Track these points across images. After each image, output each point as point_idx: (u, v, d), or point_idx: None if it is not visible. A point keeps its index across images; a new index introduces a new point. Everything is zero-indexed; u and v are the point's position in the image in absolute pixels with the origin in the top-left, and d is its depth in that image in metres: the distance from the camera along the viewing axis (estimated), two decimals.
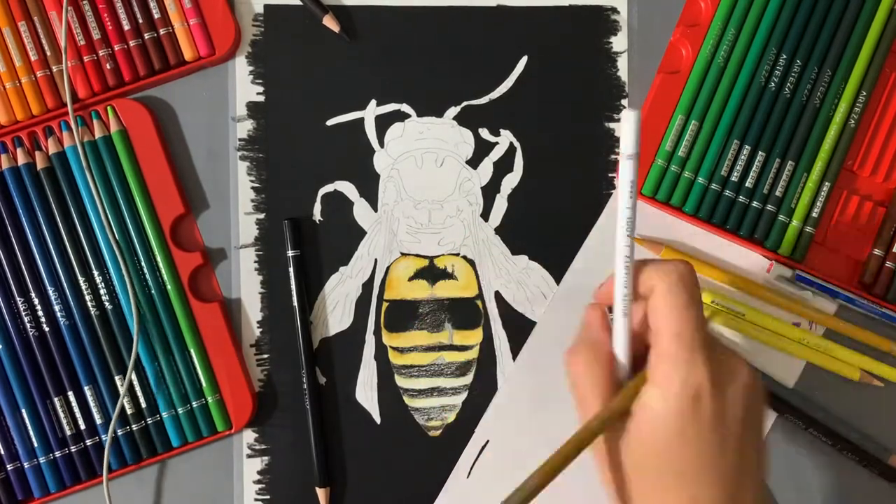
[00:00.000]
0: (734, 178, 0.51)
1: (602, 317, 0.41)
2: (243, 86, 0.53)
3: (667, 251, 0.52)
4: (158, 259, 0.51)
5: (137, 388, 0.51)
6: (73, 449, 0.50)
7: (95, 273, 0.51)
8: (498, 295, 0.53)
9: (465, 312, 0.53)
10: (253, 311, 0.52)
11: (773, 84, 0.51)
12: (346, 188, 0.53)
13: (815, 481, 0.53)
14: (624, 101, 0.53)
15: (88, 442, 0.50)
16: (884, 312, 0.51)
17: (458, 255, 0.53)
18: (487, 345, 0.53)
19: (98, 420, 0.50)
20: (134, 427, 0.50)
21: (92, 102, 0.51)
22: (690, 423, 0.36)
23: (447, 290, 0.53)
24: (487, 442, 0.52)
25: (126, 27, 0.51)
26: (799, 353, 0.52)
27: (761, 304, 0.52)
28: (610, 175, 0.53)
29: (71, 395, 0.50)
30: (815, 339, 0.52)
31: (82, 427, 0.50)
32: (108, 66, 0.51)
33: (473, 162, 0.53)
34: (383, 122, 0.53)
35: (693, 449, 0.36)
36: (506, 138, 0.53)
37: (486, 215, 0.53)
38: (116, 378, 0.51)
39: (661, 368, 0.37)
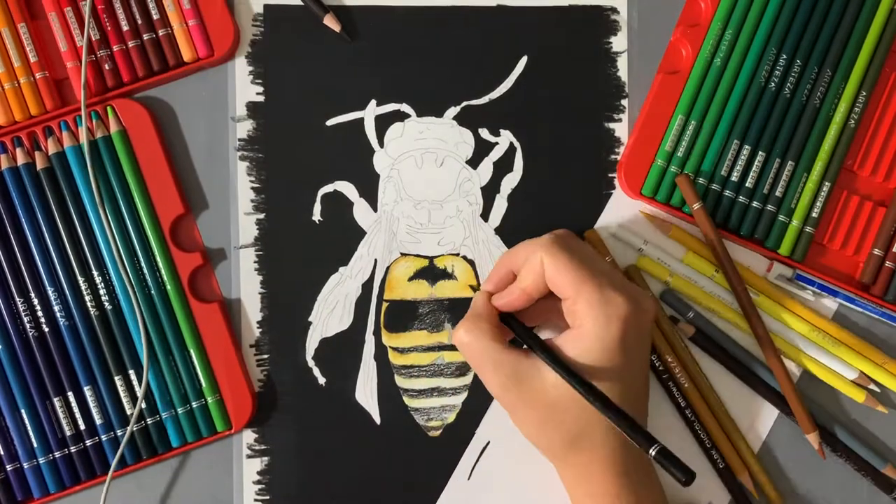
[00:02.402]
0: (734, 178, 0.51)
1: (484, 294, 0.48)
2: (243, 86, 0.53)
3: (675, 230, 0.52)
4: (158, 259, 0.51)
5: (137, 388, 0.51)
6: (72, 449, 0.50)
7: (95, 273, 0.51)
8: None
9: (466, 312, 0.52)
10: (253, 311, 0.52)
11: (773, 84, 0.51)
12: (346, 188, 0.53)
13: (815, 484, 0.53)
14: (624, 101, 0.53)
15: (88, 442, 0.50)
16: (883, 312, 0.51)
17: (457, 255, 0.53)
18: None
19: (98, 420, 0.50)
20: (134, 427, 0.50)
21: (92, 103, 0.51)
22: (614, 342, 0.44)
23: (447, 290, 0.53)
24: (488, 443, 0.52)
25: (125, 28, 0.51)
26: (799, 359, 0.52)
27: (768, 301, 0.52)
28: (610, 175, 0.53)
29: (70, 395, 0.50)
30: (820, 336, 0.52)
31: (82, 427, 0.50)
32: (107, 67, 0.51)
33: (473, 162, 0.53)
34: (383, 122, 0.53)
35: (615, 363, 0.44)
36: (506, 138, 0.53)
37: (486, 215, 0.53)
38: (116, 378, 0.50)
39: (579, 308, 0.44)
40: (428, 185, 0.53)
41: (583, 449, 0.45)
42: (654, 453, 0.41)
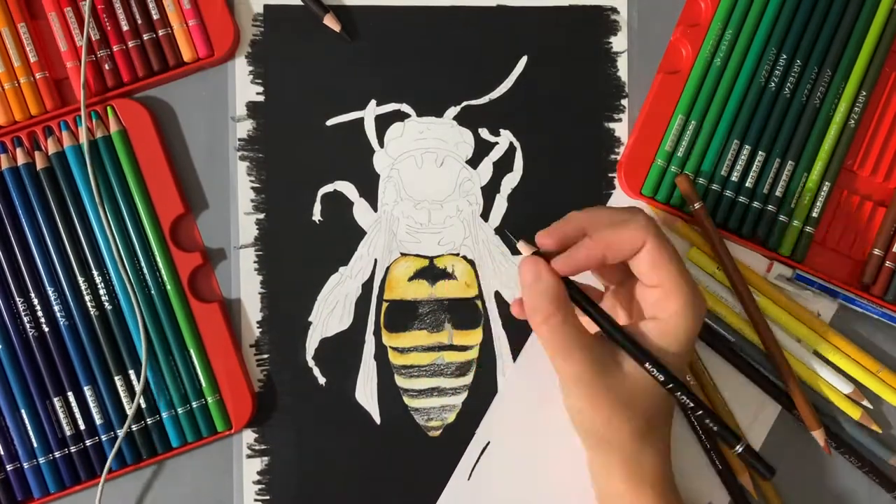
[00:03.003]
0: (734, 178, 0.51)
1: (543, 265, 0.44)
2: (243, 86, 0.53)
3: (681, 225, 0.52)
4: (158, 259, 0.51)
5: (137, 388, 0.51)
6: (72, 449, 0.50)
7: (95, 273, 0.51)
8: (498, 295, 0.53)
9: (465, 312, 0.53)
10: (253, 311, 0.52)
11: (773, 84, 0.51)
12: (346, 188, 0.53)
13: (815, 483, 0.53)
14: (624, 101, 0.53)
15: (88, 442, 0.50)
16: (883, 312, 0.51)
17: (458, 255, 0.53)
18: (487, 345, 0.53)
19: (98, 420, 0.50)
20: (134, 427, 0.50)
21: (92, 103, 0.51)
22: (693, 340, 0.45)
23: (447, 290, 0.53)
24: (488, 443, 0.52)
25: (125, 28, 0.51)
26: (799, 367, 0.52)
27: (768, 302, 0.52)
28: (610, 175, 0.53)
29: (70, 395, 0.50)
30: (817, 340, 0.52)
31: (82, 427, 0.50)
32: (107, 67, 0.51)
33: (473, 162, 0.53)
34: (383, 122, 0.53)
35: (683, 361, 0.45)
36: (506, 138, 0.53)
37: (486, 215, 0.53)
38: (116, 378, 0.50)
39: (676, 302, 0.43)
40: (428, 185, 0.53)
41: (647, 445, 0.45)
42: (740, 450, 0.45)
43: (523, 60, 0.53)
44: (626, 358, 0.44)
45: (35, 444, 0.50)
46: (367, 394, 0.52)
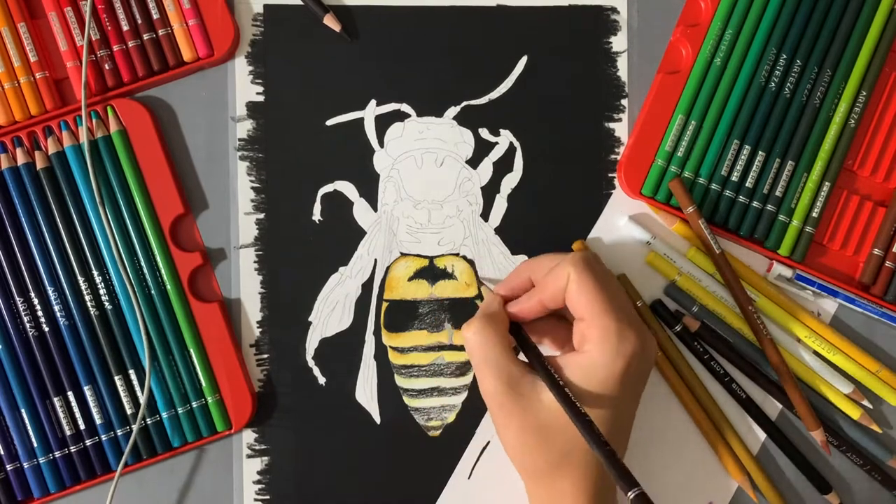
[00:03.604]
0: (734, 178, 0.51)
1: (499, 299, 0.48)
2: (243, 86, 0.53)
3: (679, 225, 0.52)
4: (158, 259, 0.51)
5: (137, 388, 0.51)
6: (72, 449, 0.50)
7: (95, 273, 0.51)
8: None
9: (465, 312, 0.53)
10: (253, 311, 0.52)
11: (773, 84, 0.51)
12: (346, 188, 0.53)
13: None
14: (624, 101, 0.53)
15: (88, 442, 0.50)
16: (883, 312, 0.51)
17: (458, 255, 0.53)
18: None
19: (98, 420, 0.50)
20: (138, 425, 0.50)
21: (92, 103, 0.51)
22: (616, 376, 0.44)
23: (447, 290, 0.53)
24: (488, 443, 0.52)
25: (125, 28, 0.51)
26: (795, 369, 0.52)
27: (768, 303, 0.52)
28: (610, 175, 0.53)
29: (70, 395, 0.50)
30: (817, 341, 0.52)
31: (82, 427, 0.50)
32: (107, 67, 0.51)
33: (473, 162, 0.53)
34: (383, 122, 0.53)
35: (611, 396, 0.44)
36: (506, 138, 0.53)
37: (486, 215, 0.53)
38: (116, 378, 0.50)
39: (593, 333, 0.44)
40: (428, 185, 0.53)
41: (563, 475, 0.45)
42: (632, 496, 0.40)
43: (523, 60, 0.53)
44: (545, 388, 0.44)
45: (35, 444, 0.50)
46: (367, 394, 0.52)
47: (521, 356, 0.47)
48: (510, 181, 0.53)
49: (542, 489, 0.46)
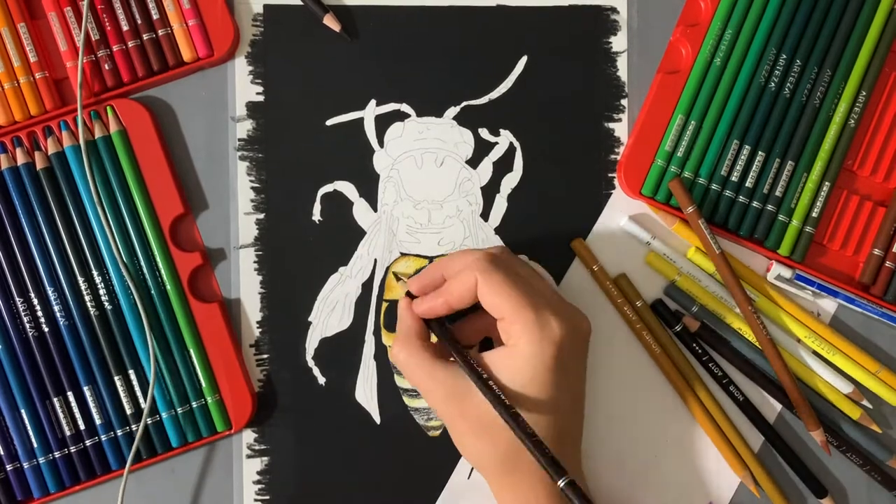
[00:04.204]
0: (734, 178, 0.51)
1: (408, 305, 0.48)
2: (243, 86, 0.53)
3: (679, 225, 0.52)
4: (158, 259, 0.51)
5: (137, 388, 0.51)
6: (72, 449, 0.50)
7: (95, 273, 0.51)
8: None
9: (465, 312, 0.52)
10: (253, 311, 0.52)
11: (772, 84, 0.51)
12: (346, 188, 0.53)
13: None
14: (624, 101, 0.53)
15: (88, 442, 0.50)
16: (883, 312, 0.51)
17: None
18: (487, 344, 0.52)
19: (98, 420, 0.50)
20: (133, 427, 0.50)
21: (91, 103, 0.51)
22: (547, 365, 0.44)
23: None
24: None
25: (125, 28, 0.51)
26: (795, 370, 0.52)
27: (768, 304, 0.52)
28: (610, 175, 0.53)
29: (70, 395, 0.50)
30: (816, 341, 0.52)
31: (82, 427, 0.50)
32: (106, 67, 0.51)
33: (473, 162, 0.53)
34: (383, 122, 0.53)
35: (547, 384, 0.44)
36: (505, 138, 0.53)
37: (486, 215, 0.53)
38: (116, 378, 0.50)
39: (514, 329, 0.44)
40: (428, 185, 0.53)
41: (515, 469, 0.44)
42: (562, 485, 0.40)
43: (523, 60, 0.53)
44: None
45: (35, 444, 0.50)
46: (367, 394, 0.52)
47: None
48: (510, 181, 0.53)
49: (500, 488, 0.46)
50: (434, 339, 0.48)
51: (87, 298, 0.50)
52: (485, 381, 0.43)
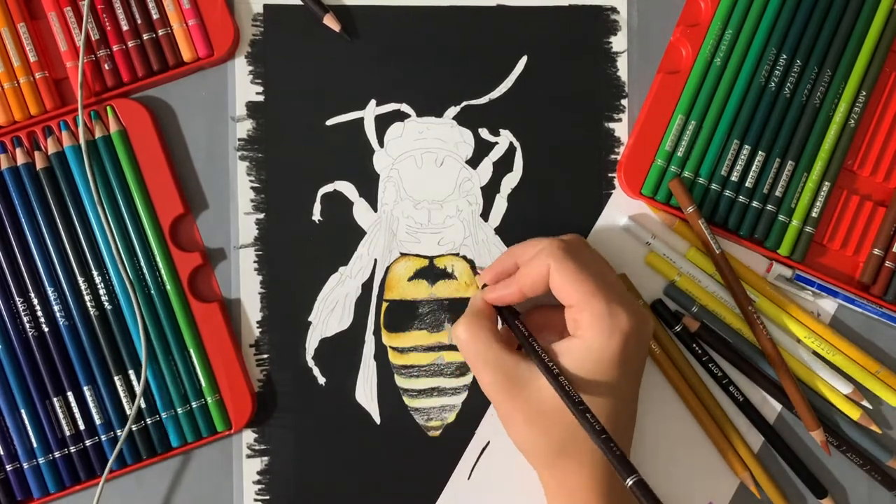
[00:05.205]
0: (734, 177, 0.51)
1: (480, 293, 0.48)
2: (243, 86, 0.53)
3: (679, 225, 0.52)
4: (158, 259, 0.51)
5: (137, 388, 0.51)
6: (72, 449, 0.50)
7: (95, 273, 0.51)
8: None
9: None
10: (252, 311, 0.52)
11: (773, 84, 0.51)
12: (346, 188, 0.53)
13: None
14: (624, 101, 0.53)
15: (88, 442, 0.50)
16: (883, 312, 0.51)
17: (457, 255, 0.53)
18: None
19: (97, 420, 0.50)
20: (133, 427, 0.50)
21: (91, 103, 0.51)
22: (612, 357, 0.44)
23: (447, 291, 0.53)
24: (488, 443, 0.52)
25: (125, 28, 0.51)
26: (795, 370, 0.52)
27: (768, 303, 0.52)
28: (610, 175, 0.53)
29: (70, 395, 0.50)
30: (816, 341, 0.52)
31: (82, 427, 0.50)
32: (106, 67, 0.51)
33: (473, 162, 0.53)
34: (383, 122, 0.53)
35: (610, 376, 0.44)
36: (505, 138, 0.53)
37: (486, 215, 0.53)
38: (116, 378, 0.50)
39: (583, 317, 0.44)
40: (428, 185, 0.53)
41: (569, 460, 0.45)
42: (630, 483, 0.39)
43: (523, 60, 0.53)
44: (540, 374, 0.45)
45: (35, 444, 0.50)
46: (367, 394, 0.52)
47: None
48: (510, 181, 0.53)
49: (551, 477, 0.46)
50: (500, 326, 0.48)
51: (87, 298, 0.50)
52: (553, 373, 0.44)
